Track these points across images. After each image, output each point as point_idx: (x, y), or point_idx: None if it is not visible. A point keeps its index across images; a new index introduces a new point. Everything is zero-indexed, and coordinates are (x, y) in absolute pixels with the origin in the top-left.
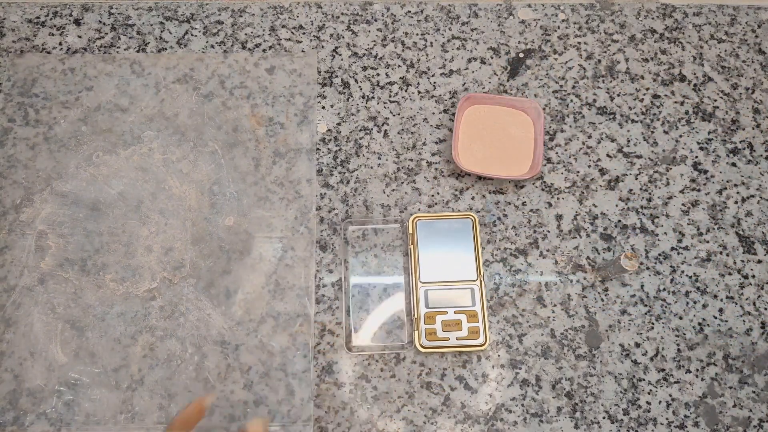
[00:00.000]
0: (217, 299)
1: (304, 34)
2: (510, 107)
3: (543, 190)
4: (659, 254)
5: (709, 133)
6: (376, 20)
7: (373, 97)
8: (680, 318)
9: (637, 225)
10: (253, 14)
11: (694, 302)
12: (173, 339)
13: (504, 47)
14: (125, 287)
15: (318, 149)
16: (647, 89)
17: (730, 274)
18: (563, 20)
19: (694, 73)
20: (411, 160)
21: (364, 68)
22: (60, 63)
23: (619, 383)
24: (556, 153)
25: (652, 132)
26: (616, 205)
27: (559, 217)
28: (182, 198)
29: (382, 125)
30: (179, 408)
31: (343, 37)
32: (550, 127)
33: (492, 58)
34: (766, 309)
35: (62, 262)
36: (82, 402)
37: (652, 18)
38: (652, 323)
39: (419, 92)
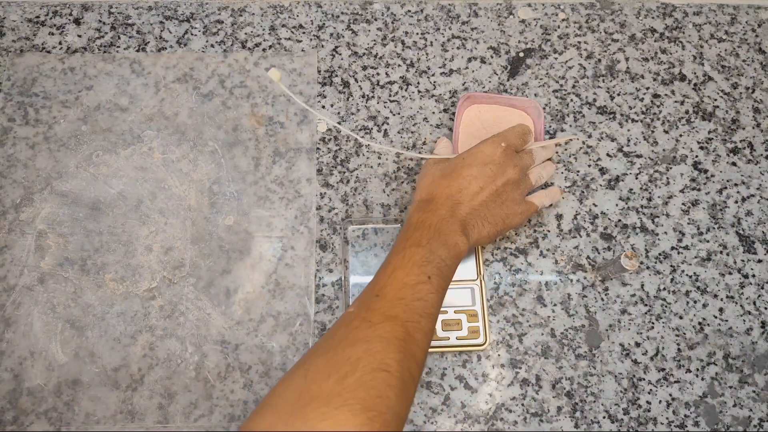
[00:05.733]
0: (217, 299)
1: (303, 33)
2: (510, 106)
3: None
4: (659, 254)
5: (709, 132)
6: (376, 19)
7: (373, 97)
8: (680, 317)
9: (637, 224)
10: (253, 13)
11: (694, 302)
12: (173, 338)
13: (504, 46)
14: (125, 287)
15: (318, 149)
16: (647, 89)
17: (730, 273)
18: (563, 19)
19: (694, 73)
20: (411, 159)
21: (364, 67)
22: (60, 62)
23: (619, 383)
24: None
25: (653, 131)
26: (616, 205)
27: (559, 217)
28: (182, 197)
29: (382, 124)
30: (179, 408)
31: (343, 37)
32: (550, 126)
33: (492, 57)
34: (766, 308)
35: (62, 262)
36: (82, 401)
37: (652, 17)
38: (652, 323)
39: (419, 91)
